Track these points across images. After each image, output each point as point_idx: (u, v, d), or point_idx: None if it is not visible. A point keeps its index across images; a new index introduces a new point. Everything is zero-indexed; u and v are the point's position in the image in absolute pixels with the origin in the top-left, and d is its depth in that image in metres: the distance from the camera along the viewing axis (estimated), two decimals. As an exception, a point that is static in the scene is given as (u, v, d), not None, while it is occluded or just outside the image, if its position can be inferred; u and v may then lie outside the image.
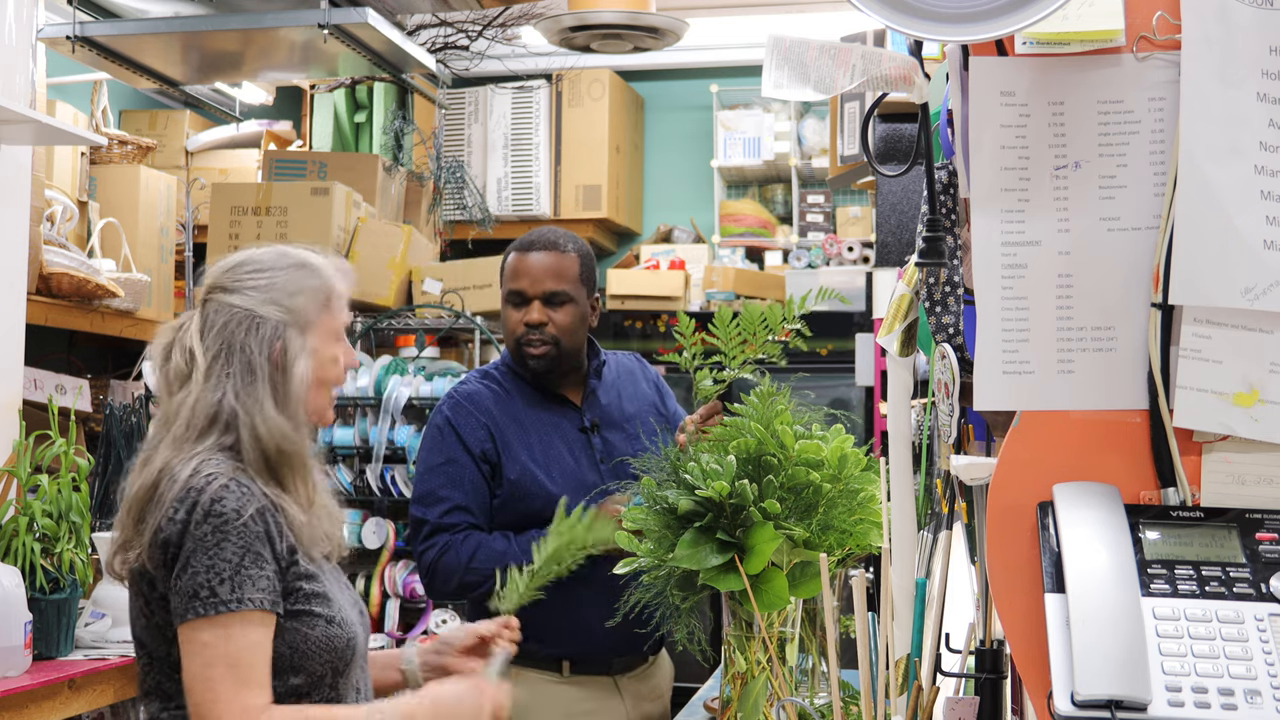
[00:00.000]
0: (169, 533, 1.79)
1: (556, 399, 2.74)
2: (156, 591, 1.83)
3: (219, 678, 1.76)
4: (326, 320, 1.95)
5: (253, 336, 1.89)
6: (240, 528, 1.79)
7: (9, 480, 3.08)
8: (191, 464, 1.83)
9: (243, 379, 1.87)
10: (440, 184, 5.49)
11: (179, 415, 1.88)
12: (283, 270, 1.94)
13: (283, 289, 1.92)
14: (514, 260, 2.72)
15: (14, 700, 2.72)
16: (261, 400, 1.87)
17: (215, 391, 1.87)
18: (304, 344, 1.91)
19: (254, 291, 1.91)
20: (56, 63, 4.47)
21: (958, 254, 1.56)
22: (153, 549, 1.81)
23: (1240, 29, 1.28)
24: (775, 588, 1.98)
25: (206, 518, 1.78)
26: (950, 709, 1.49)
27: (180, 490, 1.80)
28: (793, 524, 2.00)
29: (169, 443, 1.87)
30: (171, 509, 1.79)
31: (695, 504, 2.00)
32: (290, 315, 1.91)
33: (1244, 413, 1.28)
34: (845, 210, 6.15)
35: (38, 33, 3.68)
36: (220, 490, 1.80)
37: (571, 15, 4.60)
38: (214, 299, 1.93)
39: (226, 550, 1.78)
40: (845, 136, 3.62)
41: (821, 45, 1.44)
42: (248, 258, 1.96)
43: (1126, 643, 1.15)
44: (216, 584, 1.77)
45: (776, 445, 2.07)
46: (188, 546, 1.78)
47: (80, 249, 4.23)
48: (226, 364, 1.88)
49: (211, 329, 1.91)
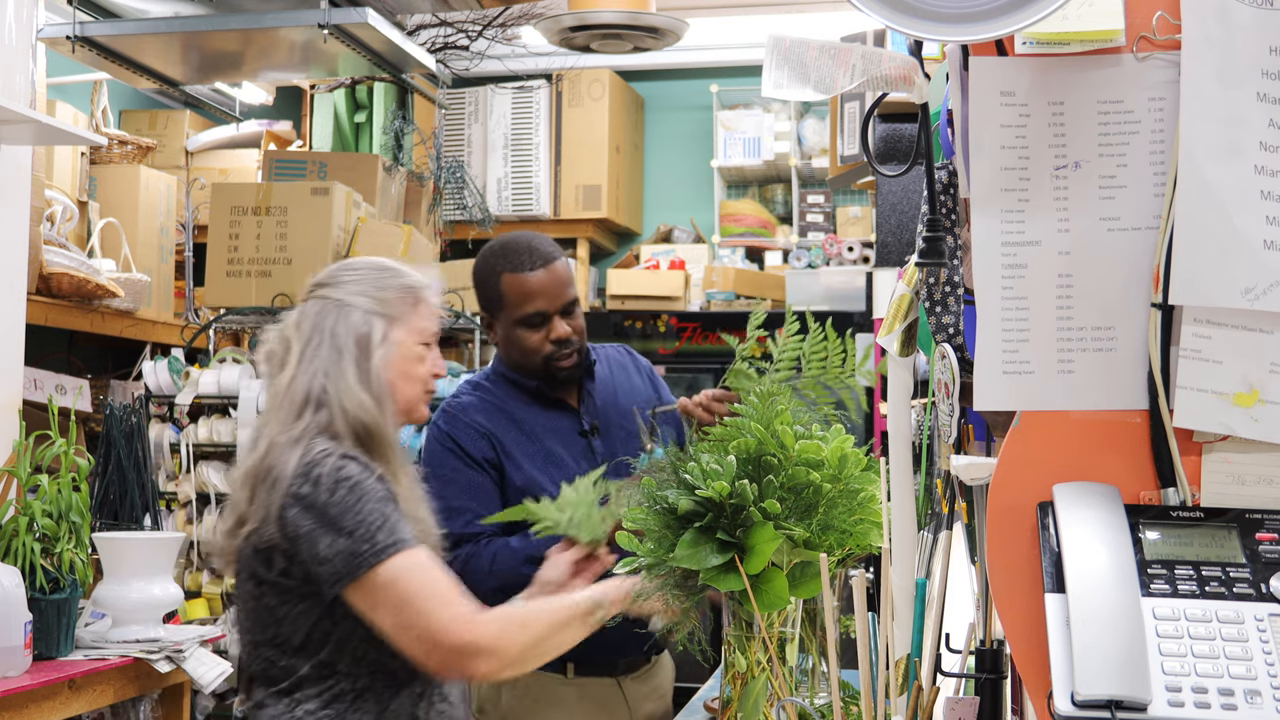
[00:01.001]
0: (300, 507, 1.89)
1: (553, 403, 2.70)
2: (274, 570, 1.92)
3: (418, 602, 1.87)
4: (414, 319, 2.09)
5: (341, 322, 2.04)
6: (372, 486, 1.92)
7: (9, 480, 3.08)
8: (300, 445, 1.95)
9: (330, 359, 2.01)
10: (440, 184, 5.49)
11: (278, 397, 2.03)
12: (377, 270, 2.11)
13: (373, 283, 2.08)
14: (522, 282, 2.61)
15: (14, 700, 2.72)
16: (347, 378, 2.00)
17: (306, 372, 2.01)
18: (387, 333, 2.05)
19: (347, 285, 2.07)
20: (56, 63, 4.47)
21: (958, 254, 1.56)
22: (282, 525, 1.90)
23: (1240, 29, 1.28)
24: (775, 588, 1.98)
25: (338, 484, 1.90)
26: (950, 709, 1.49)
27: (299, 466, 1.92)
28: (792, 524, 2.00)
29: (274, 424, 2.00)
30: (295, 484, 1.90)
31: (695, 504, 2.00)
32: (378, 305, 2.06)
33: (1244, 413, 1.28)
34: (845, 210, 6.15)
35: (38, 33, 3.68)
36: (340, 461, 1.93)
37: (571, 15, 4.60)
38: (313, 295, 2.09)
39: (367, 506, 1.89)
40: (845, 136, 3.62)
41: (821, 45, 1.44)
42: (350, 261, 2.16)
43: (1126, 643, 1.15)
44: (375, 533, 1.88)
45: (777, 445, 2.07)
46: (330, 513, 1.88)
47: (80, 249, 4.23)
48: (317, 348, 2.02)
49: (306, 318, 2.05)
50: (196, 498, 4.10)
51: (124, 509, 3.65)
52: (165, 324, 4.76)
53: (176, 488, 4.11)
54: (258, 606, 1.94)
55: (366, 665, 1.94)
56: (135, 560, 3.10)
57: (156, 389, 4.35)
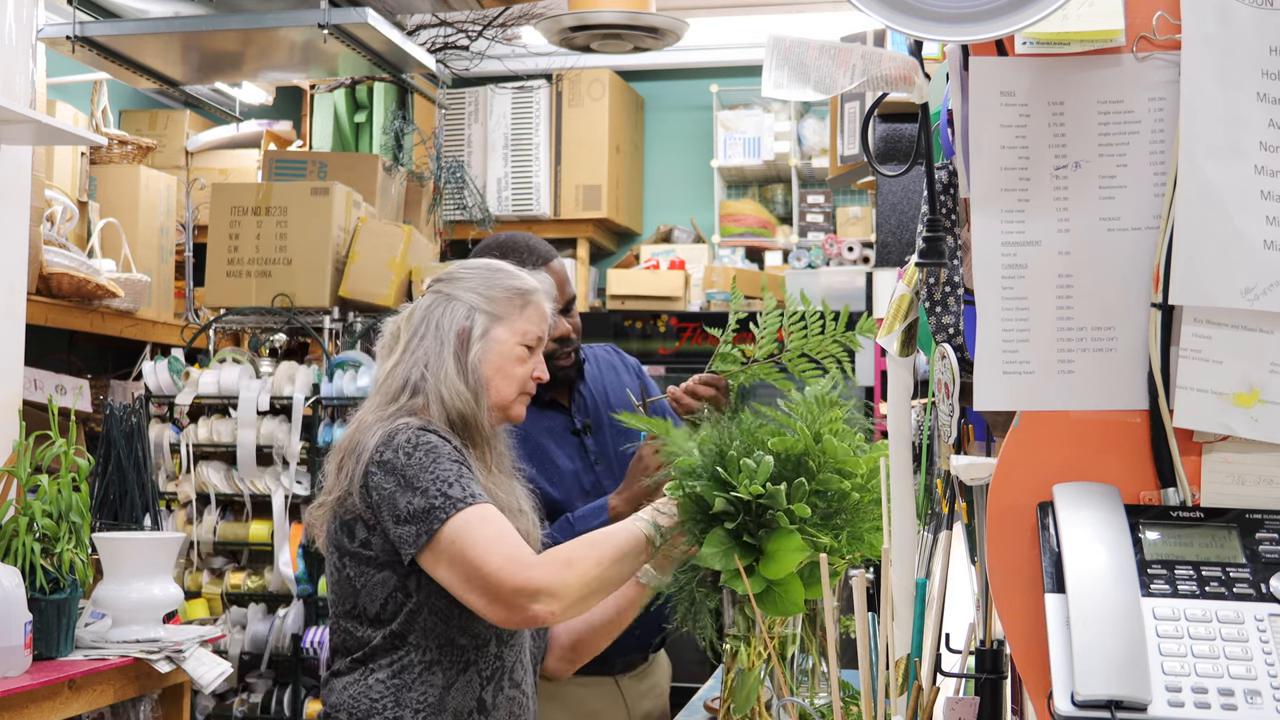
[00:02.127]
0: (381, 471, 1.97)
1: (545, 404, 2.70)
2: (355, 540, 2.01)
3: (481, 550, 1.91)
4: (520, 321, 2.16)
5: (447, 315, 2.13)
6: (449, 452, 2.00)
7: (9, 480, 3.08)
8: (387, 423, 2.04)
9: (432, 349, 2.11)
10: (440, 184, 5.49)
11: (381, 381, 2.13)
12: (491, 272, 2.19)
13: (484, 281, 2.17)
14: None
15: (14, 700, 2.72)
16: (447, 367, 2.09)
17: (408, 360, 2.11)
18: (489, 329, 2.13)
19: (460, 282, 2.16)
20: (56, 63, 4.47)
21: (958, 254, 1.56)
22: (365, 492, 1.99)
23: (1240, 29, 1.28)
24: (791, 594, 1.95)
25: (416, 447, 1.98)
26: (950, 709, 1.49)
27: (382, 437, 2.00)
28: (819, 531, 1.98)
29: (370, 405, 2.12)
30: (377, 452, 1.99)
31: (728, 504, 1.97)
32: (484, 303, 2.14)
33: (1244, 413, 1.28)
34: (845, 210, 6.15)
35: (38, 33, 3.68)
36: (420, 430, 2.01)
37: (571, 15, 4.60)
38: (430, 291, 2.17)
39: (443, 465, 1.97)
40: (845, 136, 3.62)
41: (821, 45, 1.44)
42: (470, 261, 2.26)
43: (1126, 643, 1.15)
44: (448, 489, 1.95)
45: (819, 451, 2.04)
46: (409, 473, 1.96)
47: (80, 249, 4.23)
48: (422, 339, 2.12)
49: (418, 311, 2.16)
50: (196, 498, 4.10)
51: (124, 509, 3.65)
52: (165, 324, 4.76)
53: (176, 488, 4.11)
54: (340, 578, 2.04)
55: (435, 639, 2.01)
56: (135, 560, 3.10)
57: (156, 389, 4.35)
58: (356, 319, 4.87)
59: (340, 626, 2.06)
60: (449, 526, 1.92)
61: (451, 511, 1.93)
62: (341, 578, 2.03)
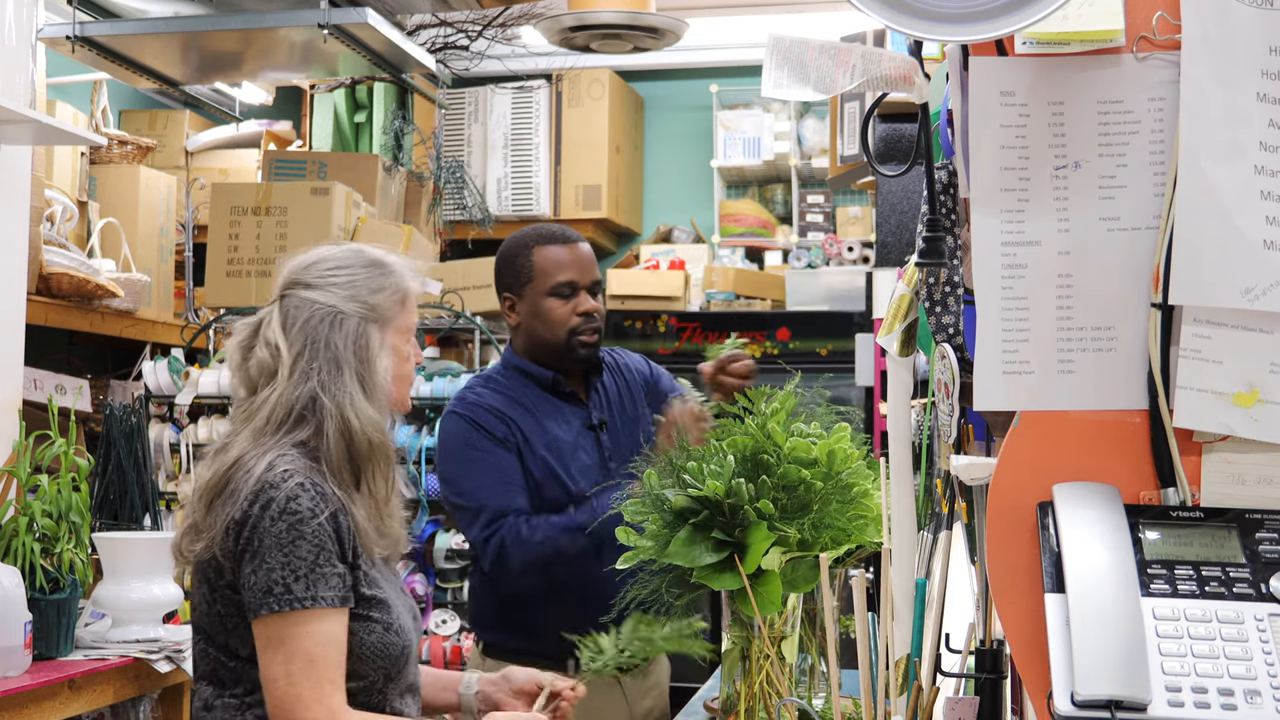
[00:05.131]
0: (243, 525, 1.83)
1: (565, 396, 2.75)
2: (223, 580, 1.87)
3: (299, 675, 1.80)
4: (402, 318, 2.01)
5: (336, 332, 1.94)
6: (316, 527, 1.83)
7: (9, 480, 3.08)
8: (266, 458, 1.86)
9: (330, 373, 1.92)
10: (440, 184, 5.49)
11: (261, 409, 1.92)
12: (362, 268, 1.99)
13: (364, 286, 1.97)
14: (555, 253, 2.71)
15: (14, 700, 2.72)
16: (351, 393, 1.92)
17: (300, 386, 1.91)
18: (383, 340, 1.97)
19: (336, 288, 1.96)
20: (56, 63, 4.47)
21: (958, 254, 1.56)
22: (225, 539, 1.85)
23: (1240, 29, 1.28)
24: (770, 591, 1.98)
25: (281, 515, 1.82)
26: (950, 709, 1.49)
27: (255, 484, 1.84)
28: (786, 524, 2.00)
29: (247, 435, 1.91)
30: (246, 502, 1.83)
31: (691, 501, 2.00)
32: (371, 312, 1.96)
33: (1244, 413, 1.28)
34: (845, 210, 6.15)
35: (38, 33, 3.68)
36: (296, 489, 1.84)
37: (571, 15, 4.60)
38: (294, 294, 1.97)
39: (301, 548, 1.82)
40: (845, 136, 3.61)
41: (821, 45, 1.44)
42: (326, 254, 2.02)
43: (1126, 643, 1.15)
44: (291, 581, 1.81)
45: (771, 445, 2.07)
46: (264, 542, 1.82)
47: (80, 249, 4.23)
48: (312, 359, 1.92)
49: (294, 325, 1.94)
50: (196, 498, 4.09)
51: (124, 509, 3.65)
52: (165, 324, 4.76)
53: (176, 488, 4.11)
54: (209, 612, 1.90)
55: None
56: (135, 560, 3.10)
57: (156, 389, 4.35)
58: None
59: (210, 655, 1.92)
60: (281, 621, 1.80)
61: (282, 608, 1.80)
62: (212, 612, 1.90)
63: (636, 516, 2.09)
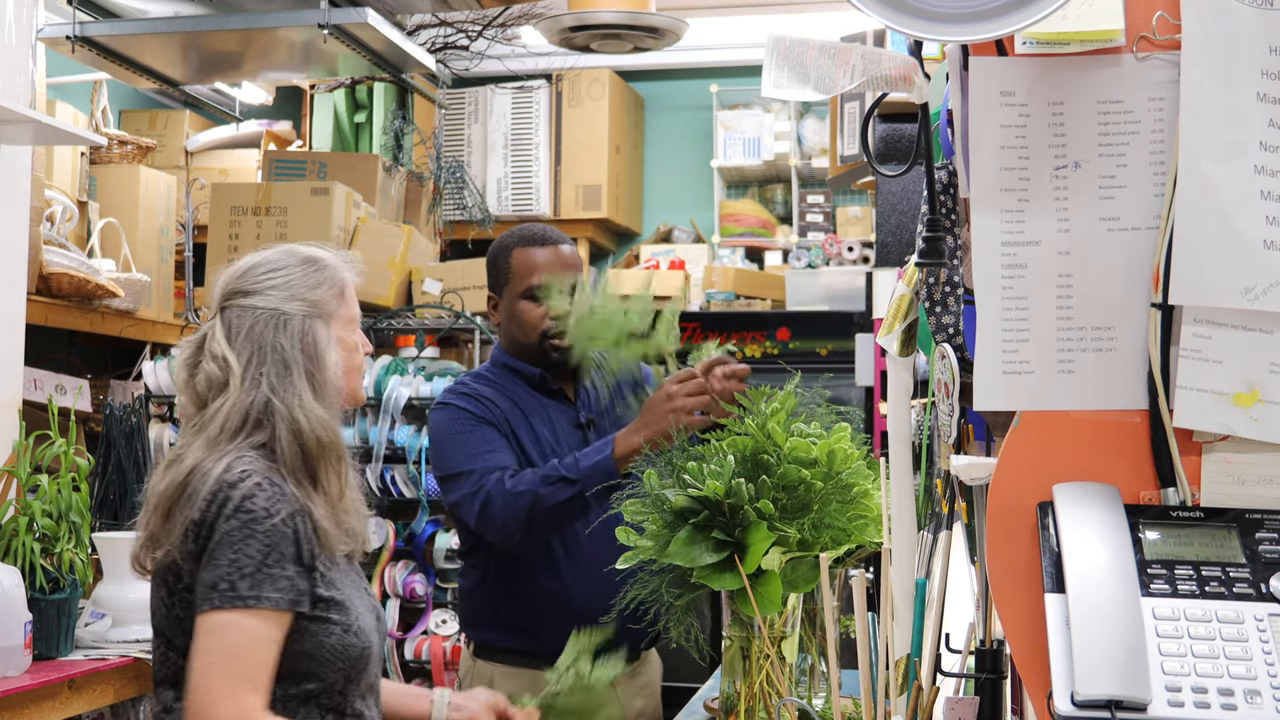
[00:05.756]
0: (201, 525, 1.83)
1: (552, 394, 2.74)
2: (182, 583, 1.87)
3: (218, 667, 1.79)
4: (344, 310, 2.01)
5: (282, 333, 1.94)
6: (269, 528, 1.82)
7: (9, 480, 3.08)
8: (224, 461, 1.86)
9: (279, 375, 1.92)
10: (440, 184, 5.49)
11: (214, 420, 1.91)
12: (296, 267, 1.99)
13: (301, 284, 1.97)
14: (531, 255, 2.71)
15: (14, 700, 2.72)
16: (300, 393, 1.92)
17: (252, 392, 1.91)
18: (329, 334, 1.97)
19: (274, 291, 1.96)
20: (56, 63, 4.47)
21: (958, 254, 1.56)
22: (184, 541, 1.84)
23: (1240, 29, 1.28)
24: (770, 591, 1.98)
25: (236, 513, 1.82)
26: (950, 709, 1.49)
27: (213, 485, 1.84)
28: (786, 524, 2.00)
29: (201, 444, 1.91)
30: (204, 503, 1.83)
31: (691, 501, 2.00)
32: (313, 308, 1.97)
33: (1244, 413, 1.28)
34: (845, 210, 6.15)
35: (38, 33, 3.68)
36: (253, 488, 1.84)
37: (571, 15, 4.60)
38: (234, 304, 1.96)
39: (251, 547, 1.81)
40: (845, 136, 3.62)
41: (821, 45, 1.44)
42: (259, 260, 2.00)
43: (1126, 643, 1.15)
44: (237, 579, 1.80)
45: (771, 445, 2.07)
46: (215, 539, 1.82)
47: (80, 249, 4.23)
48: (260, 364, 1.92)
49: (239, 334, 1.94)
50: (196, 498, 4.09)
51: (124, 509, 3.65)
52: (165, 324, 4.76)
53: (176, 488, 4.10)
54: (168, 616, 1.90)
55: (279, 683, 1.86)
56: (135, 560, 3.09)
57: (156, 389, 4.35)
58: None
59: (169, 659, 1.91)
60: (213, 615, 1.79)
61: (223, 605, 1.79)
62: (170, 615, 1.90)
63: (636, 516, 2.09)
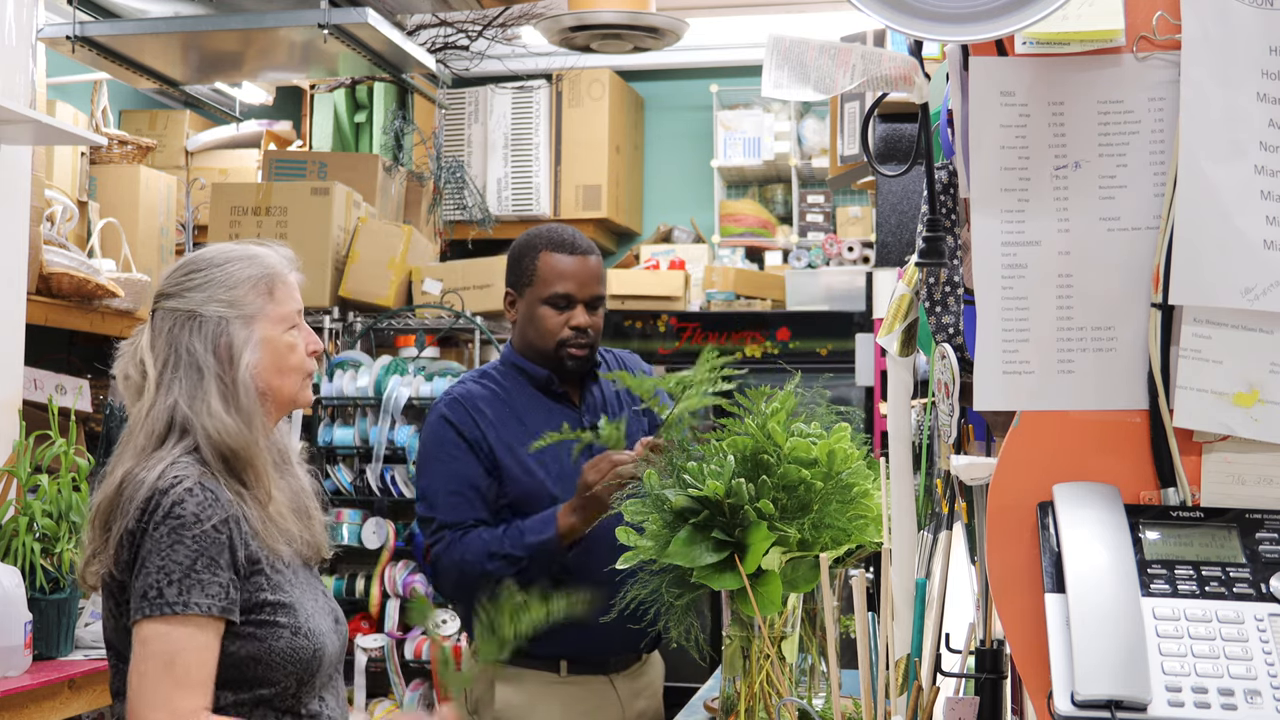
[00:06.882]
0: (135, 535, 1.80)
1: (557, 397, 2.73)
2: (125, 595, 1.84)
3: (152, 674, 1.77)
4: (273, 308, 1.95)
5: (196, 336, 1.90)
6: (199, 534, 1.79)
7: (9, 480, 3.08)
8: (159, 467, 1.83)
9: (190, 381, 1.89)
10: (440, 184, 5.49)
11: (138, 429, 1.89)
12: (219, 266, 1.94)
13: (220, 284, 1.92)
14: (558, 262, 2.68)
15: (14, 700, 2.72)
16: (209, 400, 1.88)
17: (167, 398, 1.88)
18: (250, 335, 1.92)
19: (192, 292, 1.92)
20: (56, 63, 4.47)
21: (958, 254, 1.56)
22: (120, 552, 1.82)
23: (1240, 29, 1.28)
24: (770, 591, 1.98)
25: (165, 519, 1.79)
26: (950, 709, 1.49)
27: (147, 492, 1.81)
28: (786, 524, 2.00)
29: (131, 453, 1.88)
30: (138, 511, 1.80)
31: (691, 501, 2.00)
32: (231, 309, 1.92)
33: (1244, 413, 1.28)
34: (845, 210, 6.15)
35: (38, 33, 3.68)
36: (183, 494, 1.81)
37: (571, 15, 4.60)
38: (160, 307, 1.94)
39: (179, 553, 1.78)
40: (845, 136, 3.62)
41: (821, 45, 1.44)
42: (190, 260, 1.97)
43: (1126, 643, 1.15)
44: (165, 585, 1.78)
45: (772, 445, 2.07)
46: (145, 547, 1.79)
47: (80, 249, 4.23)
48: (174, 369, 1.89)
49: (159, 337, 1.92)
50: (196, 498, 4.09)
51: (124, 509, 3.63)
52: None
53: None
54: (117, 627, 1.87)
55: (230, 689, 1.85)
56: (135, 560, 3.10)
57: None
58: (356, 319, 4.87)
59: (121, 671, 1.87)
60: (145, 624, 1.77)
61: (156, 613, 1.76)
62: (119, 627, 1.86)
63: (636, 516, 2.09)
